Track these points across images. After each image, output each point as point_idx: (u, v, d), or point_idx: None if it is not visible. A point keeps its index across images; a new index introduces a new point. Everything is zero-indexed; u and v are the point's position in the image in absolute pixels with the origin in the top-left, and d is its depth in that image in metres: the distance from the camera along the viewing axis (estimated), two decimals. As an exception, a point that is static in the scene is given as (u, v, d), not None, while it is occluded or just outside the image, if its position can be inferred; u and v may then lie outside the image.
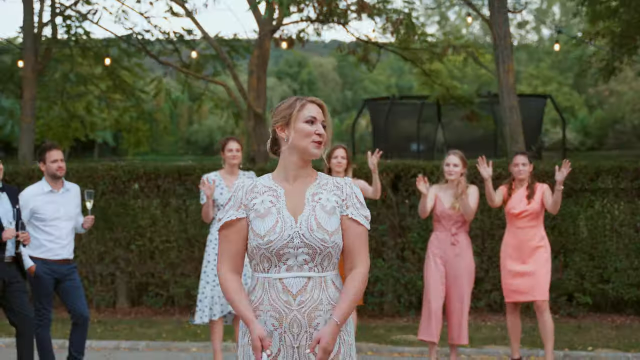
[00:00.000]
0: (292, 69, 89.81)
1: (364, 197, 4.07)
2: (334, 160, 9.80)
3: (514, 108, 13.66)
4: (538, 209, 9.53)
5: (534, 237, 9.54)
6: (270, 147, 4.39)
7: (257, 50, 14.37)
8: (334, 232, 4.17)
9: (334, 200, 4.23)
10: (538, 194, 9.54)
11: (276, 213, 4.20)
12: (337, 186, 4.29)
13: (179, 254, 13.27)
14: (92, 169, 13.55)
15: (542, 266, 9.50)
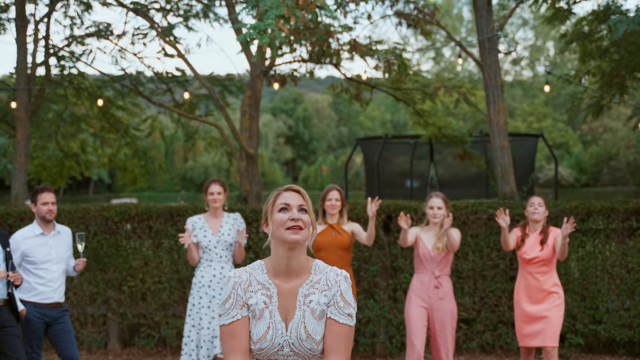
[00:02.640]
0: (287, 106, 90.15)
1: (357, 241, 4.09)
2: (328, 202, 9.83)
3: (505, 148, 13.70)
4: (551, 255, 9.58)
5: (547, 283, 9.60)
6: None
7: (250, 90, 14.43)
8: (322, 339, 4.23)
9: (323, 303, 4.25)
10: (551, 239, 9.60)
11: (269, 317, 4.25)
12: (329, 285, 4.29)
13: (170, 294, 13.25)
14: (84, 209, 13.56)
15: (554, 312, 9.53)
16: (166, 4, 15.70)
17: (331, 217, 9.87)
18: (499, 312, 12.72)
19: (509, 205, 12.71)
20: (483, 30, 13.69)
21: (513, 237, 9.79)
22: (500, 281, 12.67)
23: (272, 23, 9.80)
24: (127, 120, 18.04)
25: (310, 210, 4.37)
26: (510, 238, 9.75)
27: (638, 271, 12.49)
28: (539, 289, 9.62)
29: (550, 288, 9.61)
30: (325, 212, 9.90)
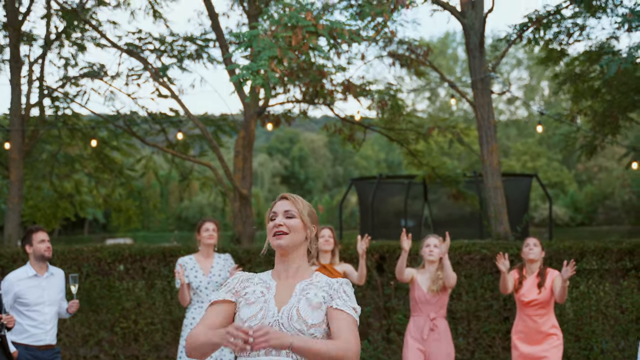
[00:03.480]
0: (283, 145, 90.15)
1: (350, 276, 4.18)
2: (320, 239, 9.71)
3: (498, 189, 13.72)
4: (548, 297, 9.49)
5: (545, 325, 9.52)
6: None
7: (243, 131, 14.46)
8: (314, 325, 4.25)
9: (321, 295, 4.34)
10: (549, 281, 9.51)
11: (263, 302, 4.35)
12: (329, 284, 4.41)
13: (163, 336, 13.19)
14: (77, 250, 13.53)
15: (553, 353, 9.44)
16: (160, 45, 15.76)
17: (324, 256, 9.76)
18: (493, 353, 12.66)
19: (502, 246, 12.71)
20: (476, 71, 13.75)
21: (510, 280, 9.73)
22: (494, 322, 12.63)
23: (265, 64, 9.83)
24: (122, 161, 18.05)
25: (303, 214, 4.50)
26: (508, 282, 9.69)
27: (632, 312, 12.47)
28: (537, 330, 9.53)
29: (548, 330, 9.51)
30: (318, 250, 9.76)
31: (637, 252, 12.59)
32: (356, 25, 11.31)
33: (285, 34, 10.11)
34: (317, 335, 4.24)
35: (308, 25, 10.14)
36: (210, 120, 16.69)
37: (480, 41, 13.84)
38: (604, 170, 69.59)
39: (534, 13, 13.76)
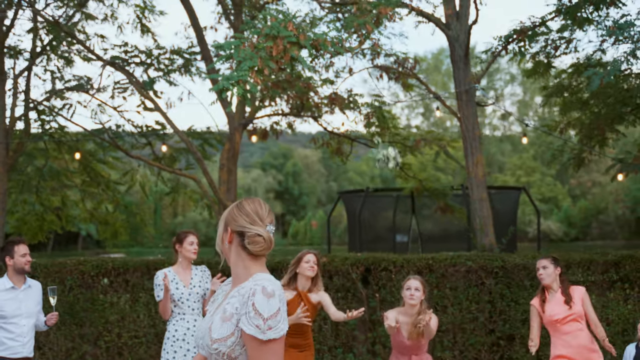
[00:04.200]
0: (277, 161, 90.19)
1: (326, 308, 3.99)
2: (305, 264, 9.25)
3: (484, 201, 13.67)
4: (582, 311, 9.06)
5: (586, 339, 9.06)
6: None
7: (228, 143, 14.41)
8: (218, 340, 4.07)
9: (236, 307, 4.10)
10: (577, 297, 9.10)
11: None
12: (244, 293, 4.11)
13: (147, 349, 13.09)
14: (61, 263, 13.44)
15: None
16: (147, 58, 15.73)
17: (304, 283, 9.36)
18: (479, 366, 12.59)
19: (487, 258, 12.65)
20: (460, 83, 13.73)
21: (534, 312, 9.25)
22: (480, 334, 12.55)
23: (246, 74, 9.79)
24: (108, 174, 17.99)
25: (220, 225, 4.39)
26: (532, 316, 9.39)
27: (618, 324, 12.40)
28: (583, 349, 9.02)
29: (591, 345, 9.05)
30: (297, 275, 9.37)
31: (622, 264, 12.54)
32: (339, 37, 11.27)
33: (267, 44, 10.07)
34: (222, 350, 4.06)
35: (289, 36, 10.10)
36: (197, 134, 16.63)
37: (465, 52, 13.82)
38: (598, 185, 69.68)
39: (518, 25, 13.74)
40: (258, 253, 4.22)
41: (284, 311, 4.06)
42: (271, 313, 3.99)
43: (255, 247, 4.22)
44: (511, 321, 12.49)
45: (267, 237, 4.22)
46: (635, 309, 12.45)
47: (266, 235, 4.21)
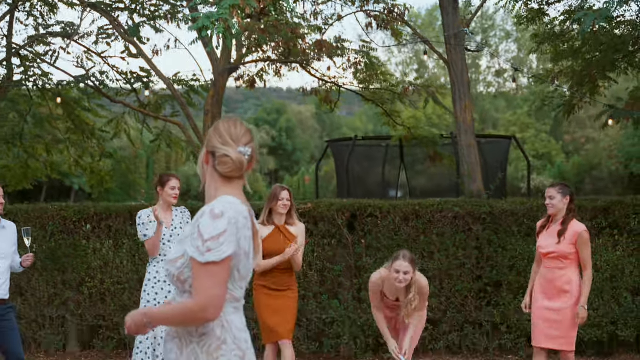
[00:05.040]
0: (270, 117, 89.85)
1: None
2: (279, 202, 9.49)
3: (472, 147, 13.49)
4: (567, 251, 8.80)
5: (560, 279, 8.85)
6: None
7: (212, 89, 14.18)
8: (170, 261, 3.96)
9: (188, 228, 4.00)
10: (570, 234, 8.80)
11: None
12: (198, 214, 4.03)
13: (130, 295, 12.94)
14: (42, 209, 13.27)
15: (566, 314, 8.82)
16: (131, 3, 15.45)
17: (279, 218, 9.56)
18: (466, 312, 12.47)
19: (475, 204, 12.50)
20: (450, 27, 13.51)
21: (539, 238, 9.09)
22: (467, 280, 12.43)
23: (226, 12, 9.56)
24: (93, 122, 17.74)
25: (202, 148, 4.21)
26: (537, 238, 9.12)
27: (607, 270, 12.28)
28: (553, 285, 8.87)
29: (563, 286, 8.82)
30: (272, 211, 9.55)
31: (611, 210, 12.40)
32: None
33: (248, -19, 9.83)
34: (172, 272, 3.94)
35: (272, -27, 9.88)
36: (182, 81, 16.38)
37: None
38: (591, 141, 69.58)
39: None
40: (227, 174, 4.02)
41: (230, 235, 3.83)
42: (213, 235, 3.81)
43: (223, 168, 4.02)
44: (498, 267, 12.36)
45: (236, 158, 4.00)
46: (624, 255, 12.33)
47: (235, 156, 4.00)
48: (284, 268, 9.45)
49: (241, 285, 3.99)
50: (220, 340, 3.89)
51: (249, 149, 4.05)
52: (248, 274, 4.02)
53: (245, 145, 4.05)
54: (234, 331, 3.92)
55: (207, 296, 3.77)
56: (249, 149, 4.06)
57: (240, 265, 3.93)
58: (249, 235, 3.94)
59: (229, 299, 3.94)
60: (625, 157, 60.49)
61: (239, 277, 3.95)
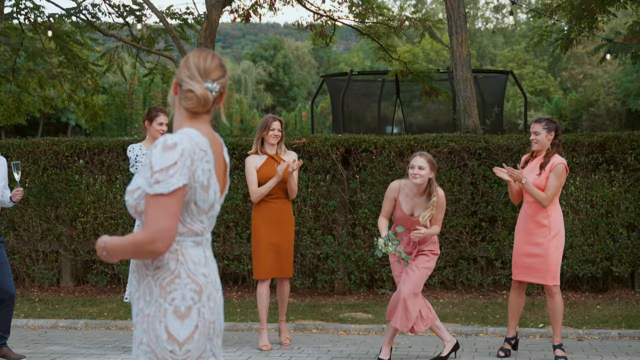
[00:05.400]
0: (267, 52, 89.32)
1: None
2: (271, 132, 9.49)
3: (468, 81, 13.34)
4: (544, 183, 8.70)
5: (540, 213, 8.75)
6: None
7: (205, 22, 13.98)
8: (128, 192, 3.83)
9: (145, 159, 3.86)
10: (548, 168, 8.71)
11: None
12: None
13: (124, 230, 12.88)
14: (34, 143, 13.15)
15: (546, 248, 8.70)
16: None
17: (271, 148, 9.57)
18: (460, 248, 12.42)
19: (471, 139, 12.39)
20: (446, -42, 13.28)
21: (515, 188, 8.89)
22: (461, 216, 12.36)
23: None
24: (86, 56, 17.53)
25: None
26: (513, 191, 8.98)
27: (602, 206, 12.22)
28: (532, 220, 8.79)
29: (541, 220, 8.73)
30: (264, 141, 9.55)
31: (608, 146, 12.30)
32: None
33: None
34: (130, 202, 3.82)
35: None
36: (176, 14, 16.14)
37: None
38: (589, 77, 69.26)
39: None
40: (190, 109, 3.85)
41: (182, 166, 3.69)
42: (162, 166, 3.68)
43: (186, 103, 3.85)
44: (493, 203, 12.28)
45: (201, 94, 3.82)
46: (620, 191, 12.26)
47: (200, 92, 3.82)
48: (279, 196, 9.50)
49: (201, 219, 3.85)
50: (173, 274, 3.79)
51: (217, 85, 3.87)
52: (210, 208, 3.87)
53: (215, 81, 3.87)
54: (190, 265, 3.81)
55: (155, 228, 3.65)
56: (218, 85, 3.88)
57: (198, 198, 3.79)
58: (207, 168, 3.79)
59: (187, 232, 3.82)
60: (623, 93, 60.31)
61: (197, 211, 3.82)
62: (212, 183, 3.83)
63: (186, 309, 3.76)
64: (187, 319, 3.76)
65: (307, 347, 9.62)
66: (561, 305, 8.84)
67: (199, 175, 3.75)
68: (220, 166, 3.92)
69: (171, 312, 3.75)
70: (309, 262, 12.71)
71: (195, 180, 3.75)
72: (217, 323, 3.89)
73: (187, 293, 3.77)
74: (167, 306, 3.76)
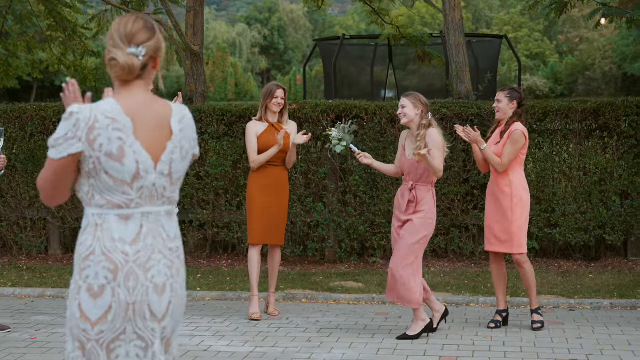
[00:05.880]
0: (262, 15, 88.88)
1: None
2: (274, 100, 9.43)
3: (461, 46, 13.15)
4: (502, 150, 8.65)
5: (502, 181, 8.70)
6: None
7: (195, -16, 13.74)
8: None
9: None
10: (507, 134, 8.67)
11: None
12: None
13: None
14: (21, 109, 12.99)
15: (508, 216, 8.64)
16: None
17: (273, 116, 9.52)
18: (452, 216, 12.31)
19: (463, 105, 12.23)
20: None
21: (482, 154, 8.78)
22: (453, 184, 12.24)
23: None
24: (75, 19, 17.26)
25: None
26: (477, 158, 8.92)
27: (596, 173, 12.10)
28: (494, 188, 8.76)
29: (503, 187, 8.67)
30: (267, 109, 9.47)
31: (602, 112, 12.15)
32: None
33: None
34: None
35: None
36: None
37: None
38: (585, 41, 68.97)
39: None
40: (118, 78, 3.72)
41: (72, 137, 3.58)
42: (57, 135, 3.61)
43: (111, 71, 3.74)
44: (486, 170, 12.13)
45: (125, 61, 3.66)
46: (614, 159, 12.15)
47: (123, 59, 3.66)
48: (277, 164, 9.47)
49: (124, 191, 3.67)
50: (89, 251, 3.65)
51: (143, 49, 3.69)
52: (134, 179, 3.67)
53: (140, 45, 3.68)
54: (107, 242, 3.64)
55: (40, 181, 3.68)
56: (143, 49, 3.69)
57: (107, 167, 3.62)
58: (116, 136, 3.60)
59: (106, 204, 3.68)
60: (619, 57, 60.11)
61: (114, 182, 3.65)
62: (127, 152, 3.64)
63: (99, 287, 3.62)
64: (100, 298, 3.62)
65: (295, 317, 9.51)
66: (532, 272, 8.85)
67: (102, 143, 3.60)
68: (155, 134, 3.74)
69: (85, 290, 3.63)
70: (300, 230, 12.59)
71: (95, 149, 3.60)
72: (141, 305, 3.68)
73: (101, 271, 3.62)
74: (81, 283, 3.64)
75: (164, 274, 3.74)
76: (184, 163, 3.86)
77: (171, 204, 3.85)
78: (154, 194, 3.74)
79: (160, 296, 3.72)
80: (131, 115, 3.66)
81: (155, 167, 3.72)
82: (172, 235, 3.81)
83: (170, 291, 3.75)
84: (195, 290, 10.87)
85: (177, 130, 3.80)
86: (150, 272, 3.70)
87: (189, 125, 3.89)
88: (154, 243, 3.72)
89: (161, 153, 3.75)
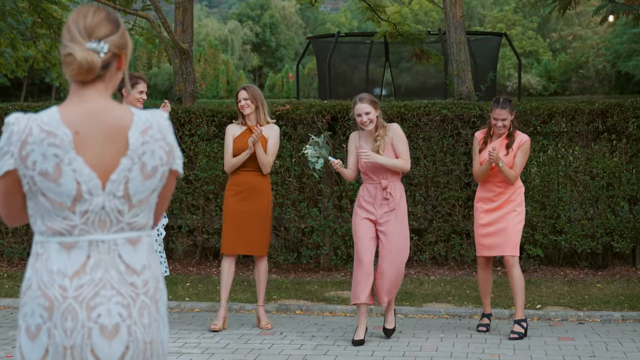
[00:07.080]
0: (254, 12, 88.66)
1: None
2: (238, 104, 9.12)
3: (462, 44, 12.67)
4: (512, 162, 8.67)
5: (506, 191, 8.72)
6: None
7: (184, -21, 13.23)
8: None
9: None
10: (516, 144, 8.67)
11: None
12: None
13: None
14: (2, 109, 12.48)
15: (511, 221, 8.68)
16: None
17: (248, 118, 9.11)
18: (453, 222, 11.83)
19: (465, 106, 11.74)
20: None
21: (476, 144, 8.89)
22: (455, 188, 11.76)
23: None
24: (60, 15, 16.74)
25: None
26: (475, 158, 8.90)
27: (603, 177, 11.62)
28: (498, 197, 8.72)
29: (508, 196, 8.68)
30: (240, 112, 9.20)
31: (610, 114, 11.66)
32: None
33: None
34: None
35: None
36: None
37: None
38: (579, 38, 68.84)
39: None
40: (74, 78, 3.10)
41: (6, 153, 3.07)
42: None
43: (67, 70, 3.10)
44: (488, 174, 11.65)
45: (83, 57, 3.06)
46: (622, 162, 11.67)
47: (80, 55, 3.06)
48: (249, 170, 9.09)
49: (64, 215, 3.10)
50: (26, 285, 3.16)
51: (105, 45, 3.11)
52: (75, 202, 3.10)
53: (102, 40, 3.11)
54: (44, 274, 3.09)
55: None
56: (106, 44, 3.11)
57: (46, 189, 3.09)
58: (52, 153, 3.04)
59: (47, 231, 3.12)
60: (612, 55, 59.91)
61: (52, 206, 3.11)
62: (65, 171, 3.06)
63: (36, 327, 3.09)
64: (37, 339, 3.09)
65: (289, 332, 8.99)
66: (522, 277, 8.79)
67: (35, 161, 3.05)
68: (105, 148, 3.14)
69: (23, 330, 3.12)
70: (293, 237, 12.10)
71: (29, 167, 3.07)
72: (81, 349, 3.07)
73: (36, 309, 3.08)
74: (21, 322, 3.14)
75: (117, 313, 3.10)
76: (151, 182, 3.22)
77: (135, 230, 3.23)
78: (105, 220, 3.14)
79: (110, 340, 3.09)
80: (73, 127, 3.09)
81: (103, 188, 3.12)
82: (136, 267, 3.19)
83: (127, 335, 3.11)
84: (184, 300, 10.39)
85: (136, 144, 3.17)
86: (96, 311, 3.08)
87: (158, 137, 3.24)
88: (104, 277, 3.11)
89: (112, 171, 3.14)
